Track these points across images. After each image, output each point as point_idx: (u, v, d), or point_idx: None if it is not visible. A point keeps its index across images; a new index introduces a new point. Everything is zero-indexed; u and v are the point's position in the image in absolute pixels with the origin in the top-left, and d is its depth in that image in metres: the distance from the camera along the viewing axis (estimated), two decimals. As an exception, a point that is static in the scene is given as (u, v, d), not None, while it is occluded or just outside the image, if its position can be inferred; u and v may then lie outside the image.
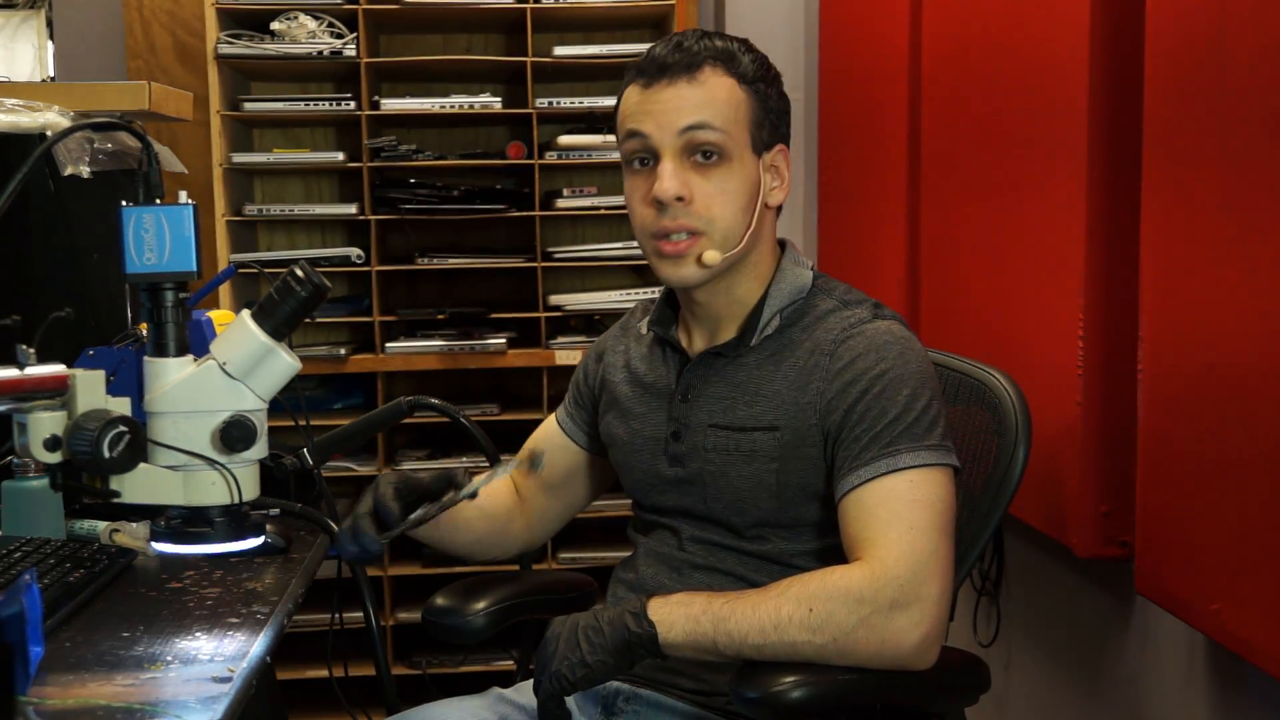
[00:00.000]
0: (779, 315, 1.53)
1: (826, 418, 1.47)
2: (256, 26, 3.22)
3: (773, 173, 1.53)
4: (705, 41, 1.51)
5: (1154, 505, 1.70)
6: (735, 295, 1.55)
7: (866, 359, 1.47)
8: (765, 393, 1.51)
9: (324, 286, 1.39)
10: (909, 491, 1.40)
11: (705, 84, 1.49)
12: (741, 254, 1.51)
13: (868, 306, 1.54)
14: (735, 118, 1.49)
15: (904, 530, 1.38)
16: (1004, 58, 2.16)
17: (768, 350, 1.53)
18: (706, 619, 1.36)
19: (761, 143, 1.51)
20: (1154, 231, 1.69)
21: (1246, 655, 1.52)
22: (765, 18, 3.43)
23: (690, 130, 1.47)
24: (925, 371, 1.48)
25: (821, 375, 1.48)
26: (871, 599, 1.34)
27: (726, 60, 1.50)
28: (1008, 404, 1.61)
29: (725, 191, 1.48)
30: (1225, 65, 1.51)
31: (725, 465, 1.52)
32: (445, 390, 3.43)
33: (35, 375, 1.37)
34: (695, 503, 1.57)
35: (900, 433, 1.42)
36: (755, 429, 1.50)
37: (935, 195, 2.50)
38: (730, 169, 1.48)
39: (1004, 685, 2.45)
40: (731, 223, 1.49)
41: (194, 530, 1.38)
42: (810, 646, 1.34)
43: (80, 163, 1.97)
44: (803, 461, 1.48)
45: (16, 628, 1.14)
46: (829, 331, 1.50)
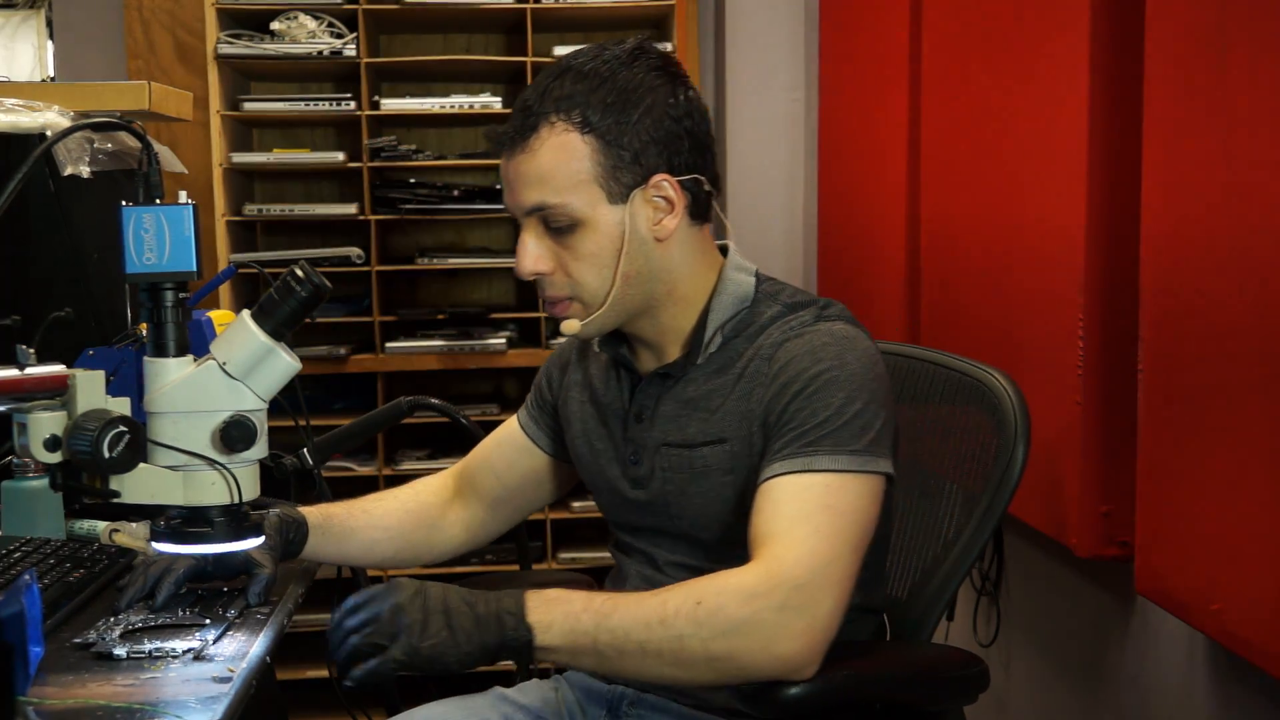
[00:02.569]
0: (720, 330, 1.48)
1: (764, 420, 1.42)
2: (256, 26, 3.22)
3: (654, 206, 1.43)
4: (551, 89, 1.42)
5: (1154, 505, 1.70)
6: (664, 324, 1.50)
7: (802, 360, 1.42)
8: (713, 407, 1.47)
9: (324, 286, 1.39)
10: (822, 495, 1.34)
11: (538, 153, 1.41)
12: (617, 310, 1.45)
13: (813, 309, 1.48)
14: (577, 181, 1.41)
15: (808, 532, 1.32)
16: (1004, 56, 2.15)
17: (715, 364, 1.49)
18: (587, 616, 1.29)
19: (621, 189, 1.41)
20: (1153, 230, 1.69)
21: (1246, 655, 1.51)
22: (765, 18, 3.43)
23: (533, 211, 1.43)
24: (866, 374, 1.41)
25: (762, 381, 1.44)
26: (764, 595, 1.28)
27: (566, 110, 1.40)
28: (1007, 404, 1.59)
29: (581, 257, 1.43)
30: (1225, 65, 1.51)
31: (683, 484, 1.49)
32: (445, 390, 3.43)
33: (35, 375, 1.37)
34: (663, 522, 1.54)
35: (825, 435, 1.37)
36: (705, 444, 1.47)
37: (935, 195, 2.49)
38: (585, 233, 1.42)
39: (1004, 685, 2.45)
40: (595, 288, 1.44)
41: (194, 530, 1.38)
42: (696, 640, 1.27)
43: (80, 163, 1.97)
44: (754, 473, 1.43)
45: (16, 628, 1.14)
46: (770, 337, 1.46)
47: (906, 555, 1.69)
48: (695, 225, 1.48)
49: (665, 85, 1.44)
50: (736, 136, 3.46)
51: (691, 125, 1.44)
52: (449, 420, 2.15)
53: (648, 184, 1.42)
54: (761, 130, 3.45)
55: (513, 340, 3.28)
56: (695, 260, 1.49)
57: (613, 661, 1.30)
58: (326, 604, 1.87)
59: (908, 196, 2.61)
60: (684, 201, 1.44)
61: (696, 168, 1.45)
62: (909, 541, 1.69)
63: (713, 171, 1.49)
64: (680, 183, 1.44)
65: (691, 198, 1.45)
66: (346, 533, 1.66)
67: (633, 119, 1.41)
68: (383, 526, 1.69)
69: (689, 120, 1.44)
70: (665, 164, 1.43)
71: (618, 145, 1.41)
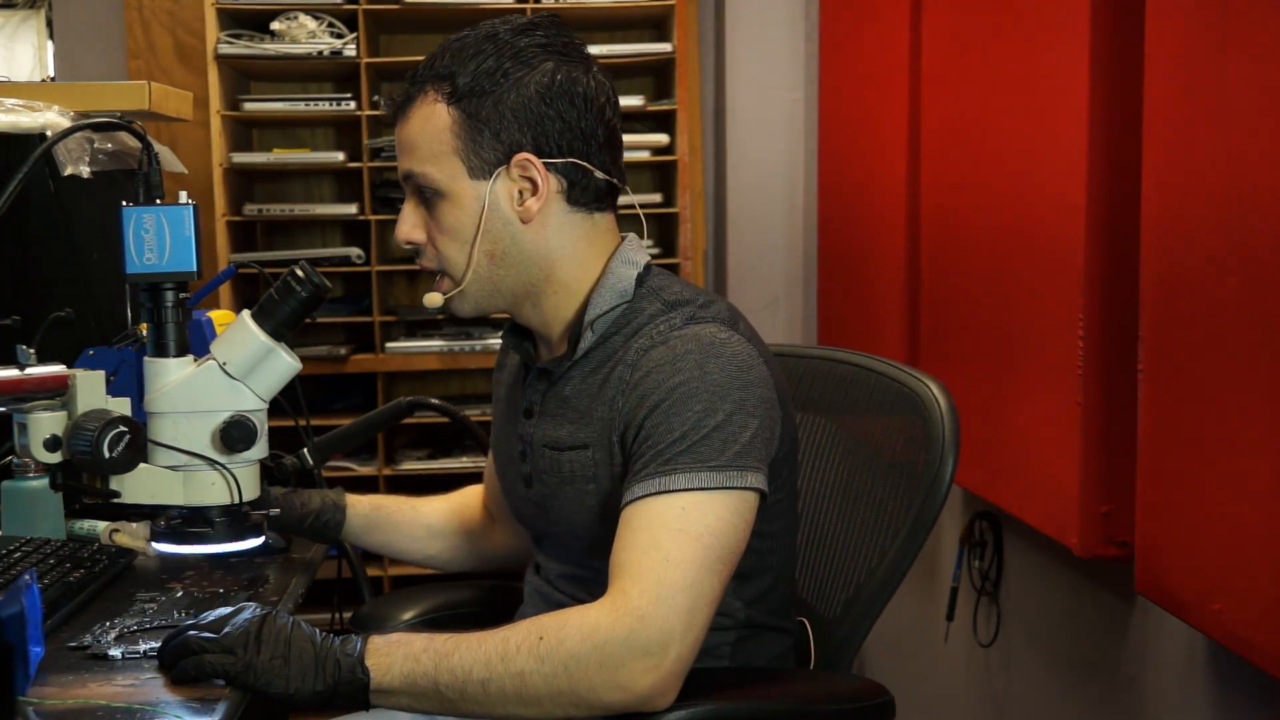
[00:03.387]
0: (592, 326, 1.43)
1: (624, 434, 1.37)
2: (256, 26, 3.22)
3: (519, 185, 1.40)
4: (435, 60, 1.41)
5: (1154, 505, 1.70)
6: (545, 313, 1.46)
7: (661, 371, 1.35)
8: (582, 409, 1.42)
9: (324, 286, 1.39)
10: (677, 519, 1.28)
11: (410, 120, 1.41)
12: (485, 290, 1.43)
13: (688, 309, 1.40)
14: (439, 151, 1.39)
15: (658, 561, 1.26)
16: (1004, 56, 2.16)
17: (591, 363, 1.43)
18: (427, 657, 1.24)
19: (483, 164, 1.39)
20: (1153, 229, 1.69)
21: (1246, 655, 1.52)
22: (765, 18, 3.43)
23: (406, 180, 1.43)
24: (730, 382, 1.33)
25: (623, 389, 1.37)
26: (608, 629, 1.23)
27: (438, 81, 1.39)
28: (936, 414, 1.51)
29: (444, 230, 1.41)
30: (1225, 65, 1.51)
31: (554, 487, 1.45)
32: (445, 390, 3.43)
33: (35, 375, 1.37)
34: (545, 526, 1.51)
35: (682, 451, 1.30)
36: (571, 448, 1.42)
37: (936, 193, 2.50)
38: (447, 205, 1.40)
39: (1004, 685, 2.45)
40: (456, 261, 1.42)
41: (194, 530, 1.38)
42: (538, 676, 1.22)
43: (80, 163, 1.97)
44: (617, 482, 1.38)
45: (16, 628, 1.14)
46: (640, 339, 1.39)
47: (841, 572, 1.61)
48: (580, 211, 1.42)
49: (547, 62, 1.39)
50: (736, 136, 3.46)
51: (566, 107, 1.39)
52: (449, 420, 2.15)
53: (510, 163, 1.39)
54: (761, 130, 3.45)
55: (513, 340, 3.28)
56: (578, 248, 1.43)
57: (455, 704, 1.25)
58: (326, 604, 1.87)
59: (907, 197, 2.61)
60: (554, 185, 1.40)
61: (573, 152, 1.40)
62: (843, 557, 1.62)
63: (604, 159, 1.42)
64: (552, 165, 1.39)
65: (568, 183, 1.41)
66: (391, 525, 1.72)
67: (498, 94, 1.38)
68: (426, 524, 1.74)
69: (563, 102, 1.39)
70: (530, 144, 1.38)
71: (478, 119, 1.38)
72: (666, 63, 3.27)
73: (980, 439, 2.19)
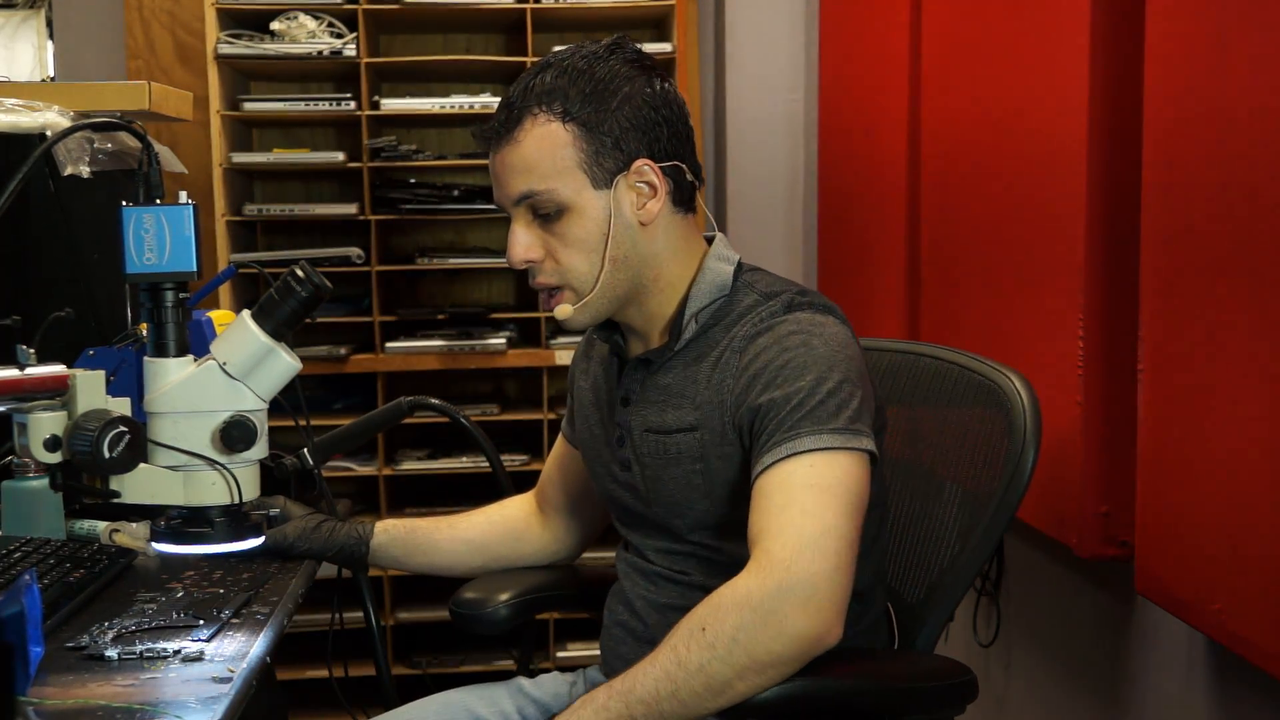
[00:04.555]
0: (696, 318, 1.51)
1: (736, 414, 1.45)
2: (256, 26, 3.22)
3: (638, 191, 1.48)
4: (533, 85, 1.47)
5: (1154, 505, 1.70)
6: (649, 310, 1.53)
7: (770, 352, 1.44)
8: (688, 394, 1.50)
9: (324, 286, 1.39)
10: (806, 476, 1.36)
11: (523, 143, 1.46)
12: (607, 296, 1.49)
13: (786, 297, 1.49)
14: (562, 167, 1.45)
15: (795, 515, 1.33)
16: (1005, 56, 2.16)
17: (693, 352, 1.51)
18: (615, 702, 1.30)
19: (605, 174, 1.46)
20: (1154, 231, 1.69)
21: (1246, 655, 1.52)
22: (765, 19, 3.43)
23: (522, 200, 1.47)
24: (835, 355, 1.43)
25: (732, 373, 1.46)
26: (759, 588, 1.30)
27: (547, 102, 1.45)
28: (1018, 407, 1.58)
29: (570, 243, 1.47)
30: (1225, 66, 1.51)
31: (658, 469, 1.52)
32: (445, 390, 3.43)
33: (35, 375, 1.38)
34: (644, 508, 1.57)
35: (802, 416, 1.38)
36: (678, 430, 1.49)
37: (935, 194, 2.50)
38: (572, 219, 1.46)
39: (1004, 685, 2.45)
40: (584, 272, 1.48)
41: (194, 530, 1.38)
42: (717, 662, 1.28)
43: (80, 163, 1.97)
44: (725, 461, 1.47)
45: (16, 628, 1.14)
46: (743, 327, 1.48)
47: (924, 558, 1.67)
48: (679, 213, 1.52)
49: (641, 76, 1.48)
50: (736, 136, 3.46)
51: (669, 114, 1.48)
52: (449, 420, 2.15)
53: (630, 169, 1.46)
54: (761, 130, 3.45)
55: (513, 340, 3.28)
56: (679, 247, 1.52)
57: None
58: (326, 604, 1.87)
59: (908, 197, 2.61)
60: (666, 187, 1.48)
61: (677, 155, 1.49)
62: (926, 544, 1.68)
63: (694, 162, 1.52)
64: (662, 169, 1.48)
65: (674, 184, 1.49)
66: (431, 546, 1.76)
67: (611, 106, 1.45)
68: (465, 539, 1.78)
69: (667, 109, 1.48)
70: (646, 149, 1.47)
71: (599, 131, 1.45)
72: (666, 63, 3.27)
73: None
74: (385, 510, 3.18)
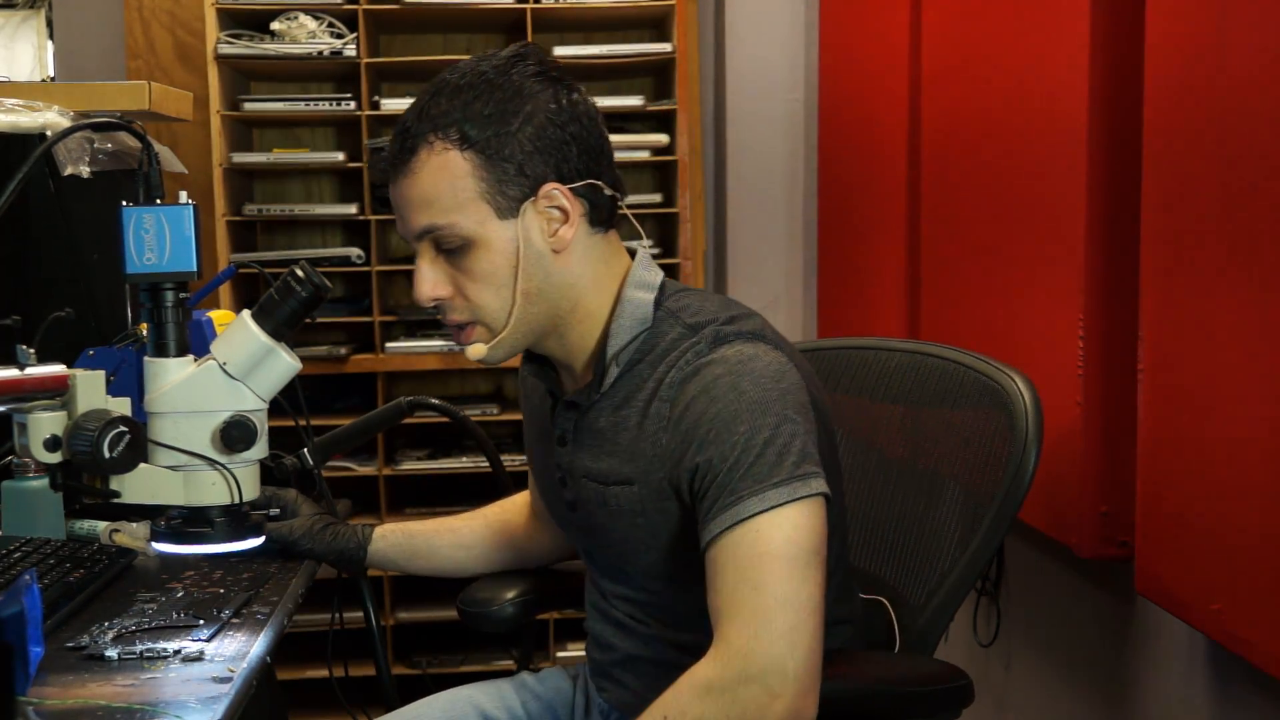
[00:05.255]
0: (617, 360, 1.41)
1: (673, 472, 1.36)
2: (256, 26, 3.22)
3: (548, 217, 1.38)
4: (428, 109, 1.37)
5: (1154, 505, 1.70)
6: (570, 343, 1.44)
7: (699, 404, 1.34)
8: (621, 441, 1.41)
9: (324, 286, 1.39)
10: (754, 544, 1.28)
11: (420, 175, 1.36)
12: (521, 330, 1.41)
13: (711, 330, 1.38)
14: (463, 199, 1.35)
15: (747, 593, 1.26)
16: (1005, 58, 2.16)
17: (620, 393, 1.42)
18: None
19: (510, 203, 1.36)
20: (1154, 231, 1.69)
21: (1246, 655, 1.52)
22: (765, 19, 3.43)
23: (424, 235, 1.38)
24: (767, 395, 1.33)
25: (663, 425, 1.37)
26: (720, 678, 1.25)
27: (443, 128, 1.35)
28: (1020, 407, 1.56)
29: (478, 278, 1.37)
30: (1225, 67, 1.51)
31: (601, 517, 1.45)
32: (445, 390, 3.43)
33: (35, 375, 1.37)
34: (594, 549, 1.53)
35: (741, 476, 1.30)
36: (616, 483, 1.41)
37: (935, 195, 2.50)
38: (478, 253, 1.36)
39: (1004, 685, 2.45)
40: (495, 309, 1.39)
41: (194, 530, 1.38)
42: None
43: (80, 163, 1.97)
44: (666, 515, 1.39)
45: (16, 628, 1.14)
46: (669, 368, 1.38)
47: (927, 559, 1.65)
48: (597, 233, 1.42)
49: (546, 91, 1.37)
50: (736, 136, 3.46)
51: (578, 130, 1.38)
52: (449, 420, 2.15)
53: (537, 195, 1.36)
54: (761, 130, 3.45)
55: (513, 340, 3.28)
56: (599, 272, 1.42)
57: None
58: (326, 604, 1.87)
59: (908, 196, 2.61)
60: (581, 209, 1.39)
61: (590, 172, 1.39)
62: (929, 546, 1.66)
63: (612, 174, 1.42)
64: (573, 190, 1.38)
65: (589, 205, 1.39)
66: (430, 550, 1.74)
67: (512, 129, 1.35)
68: (465, 545, 1.75)
69: (575, 125, 1.38)
70: (554, 172, 1.37)
71: (499, 158, 1.35)
72: (666, 63, 3.27)
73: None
74: (385, 510, 3.18)
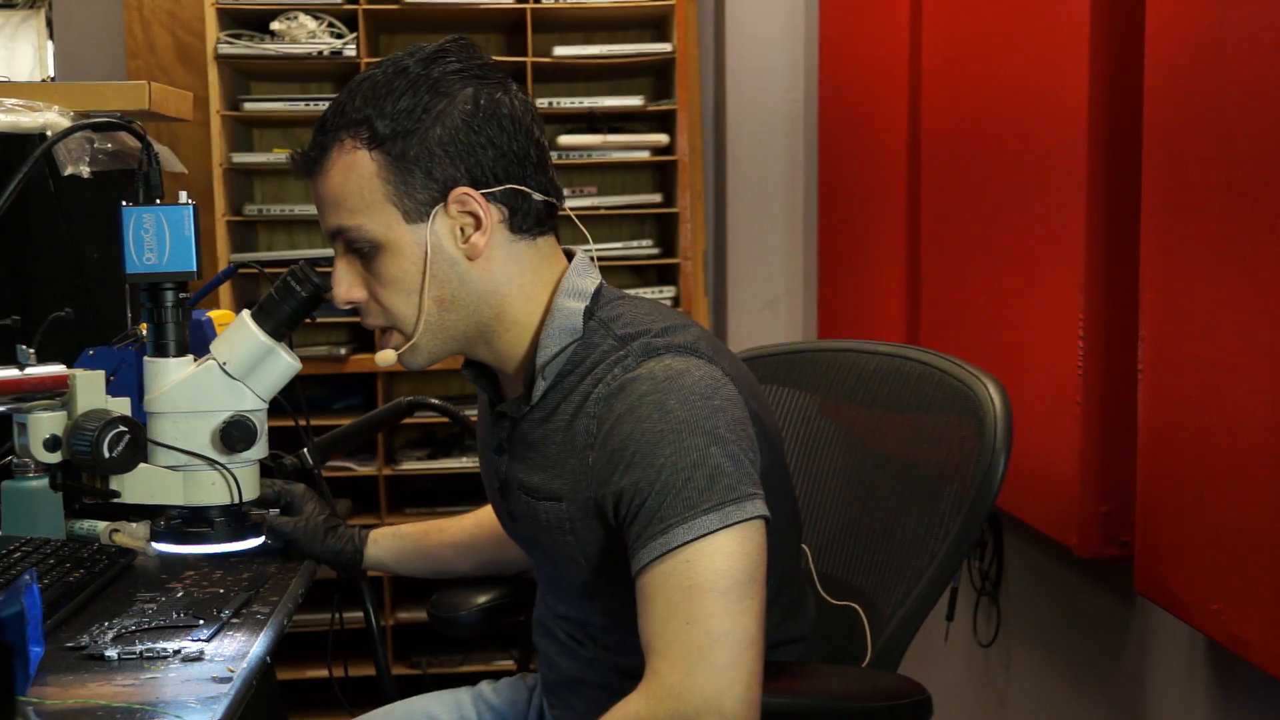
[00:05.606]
0: (544, 373, 1.36)
1: (600, 493, 1.31)
2: (256, 26, 3.22)
3: (460, 222, 1.32)
4: (344, 106, 1.32)
5: (1154, 505, 1.70)
6: (500, 351, 1.40)
7: (625, 424, 1.28)
8: (550, 457, 1.36)
9: (324, 286, 1.39)
10: (684, 576, 1.22)
11: (331, 173, 1.32)
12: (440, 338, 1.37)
13: (642, 343, 1.33)
14: (370, 200, 1.31)
15: (679, 628, 1.21)
16: (1004, 58, 2.16)
17: (550, 404, 1.37)
18: None
19: (418, 207, 1.31)
20: (1154, 231, 1.69)
21: (1246, 655, 1.52)
22: (765, 19, 3.43)
23: (336, 236, 1.34)
24: (695, 414, 1.27)
25: (590, 442, 1.32)
26: (649, 717, 1.20)
27: (354, 127, 1.30)
28: (990, 415, 1.50)
29: (386, 283, 1.33)
30: (1225, 67, 1.51)
31: (535, 532, 1.42)
32: (445, 390, 3.43)
33: (35, 375, 1.38)
34: (535, 562, 1.50)
35: (668, 503, 1.24)
36: (546, 498, 1.37)
37: (935, 195, 2.50)
38: (387, 257, 1.32)
39: (1004, 685, 2.45)
40: (405, 314, 1.34)
41: (194, 530, 1.38)
42: None
43: (80, 163, 1.97)
44: (594, 535, 1.34)
45: (16, 628, 1.14)
46: (597, 383, 1.32)
47: (900, 568, 1.59)
48: (523, 239, 1.36)
49: (465, 89, 1.32)
50: (736, 136, 3.46)
51: (495, 133, 1.32)
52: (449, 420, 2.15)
53: (448, 200, 1.31)
54: (761, 130, 3.45)
55: (513, 340, 3.28)
56: (525, 280, 1.37)
57: None
58: (326, 604, 1.87)
59: (908, 196, 2.61)
60: (499, 215, 1.33)
61: (511, 177, 1.33)
62: (901, 554, 1.60)
63: (541, 179, 1.36)
64: (491, 195, 1.32)
65: (510, 211, 1.34)
66: (420, 552, 1.73)
67: (422, 130, 1.30)
68: (454, 544, 1.74)
69: (492, 127, 1.32)
70: (466, 177, 1.31)
71: (406, 160, 1.30)
72: (666, 63, 3.27)
73: (980, 439, 2.19)
74: (385, 510, 3.18)
